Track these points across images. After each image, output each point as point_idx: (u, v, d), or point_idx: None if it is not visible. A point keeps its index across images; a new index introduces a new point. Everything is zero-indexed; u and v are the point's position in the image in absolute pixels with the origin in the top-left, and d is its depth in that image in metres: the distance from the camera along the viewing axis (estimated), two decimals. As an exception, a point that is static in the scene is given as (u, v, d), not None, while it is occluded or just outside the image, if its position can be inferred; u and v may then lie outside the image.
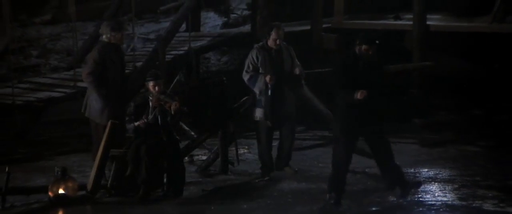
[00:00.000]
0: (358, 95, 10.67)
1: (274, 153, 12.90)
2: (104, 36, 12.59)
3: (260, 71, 12.41)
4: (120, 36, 12.59)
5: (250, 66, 12.49)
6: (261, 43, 12.67)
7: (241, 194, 12.00)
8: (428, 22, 16.54)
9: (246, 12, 18.92)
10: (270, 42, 12.50)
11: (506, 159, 13.75)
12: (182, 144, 12.61)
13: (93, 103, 12.34)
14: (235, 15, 19.35)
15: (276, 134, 12.89)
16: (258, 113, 12.51)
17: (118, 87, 12.42)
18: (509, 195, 11.73)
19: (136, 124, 11.76)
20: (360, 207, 11.32)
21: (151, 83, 11.80)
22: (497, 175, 12.79)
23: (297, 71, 12.54)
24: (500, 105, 16.51)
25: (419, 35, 16.38)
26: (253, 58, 12.50)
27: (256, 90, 12.41)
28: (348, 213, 11.12)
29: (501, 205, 11.35)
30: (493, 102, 16.62)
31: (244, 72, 12.55)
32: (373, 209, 11.28)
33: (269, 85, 12.28)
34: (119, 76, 12.48)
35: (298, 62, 12.72)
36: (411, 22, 16.55)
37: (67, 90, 14.66)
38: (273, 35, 12.47)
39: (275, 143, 12.93)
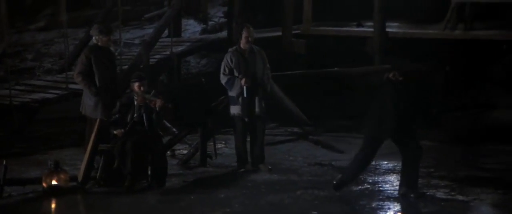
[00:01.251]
0: None
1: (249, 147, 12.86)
2: (93, 38, 12.63)
3: (235, 73, 12.38)
4: (106, 39, 12.57)
5: (226, 69, 12.51)
6: (234, 47, 12.65)
7: (219, 184, 12.04)
8: (387, 29, 16.57)
9: (222, 20, 18.91)
10: (243, 42, 12.52)
11: (456, 152, 13.90)
12: (165, 140, 12.55)
13: (87, 101, 12.39)
14: (212, 22, 19.33)
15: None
16: (235, 110, 12.52)
17: (109, 84, 12.42)
18: (459, 184, 11.85)
19: (115, 132, 11.80)
20: (328, 195, 11.32)
21: (136, 84, 11.87)
22: (448, 166, 12.88)
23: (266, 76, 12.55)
24: (451, 104, 16.53)
25: (379, 41, 16.41)
26: (228, 61, 12.52)
27: (233, 94, 12.42)
28: (316, 201, 11.12)
29: (452, 193, 11.48)
30: (446, 100, 16.62)
31: (221, 75, 12.59)
32: (338, 197, 11.27)
33: (244, 88, 12.22)
34: (109, 74, 12.48)
35: (268, 65, 12.67)
36: (372, 29, 16.59)
37: (59, 92, 14.67)
38: (244, 33, 12.49)
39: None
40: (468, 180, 12.08)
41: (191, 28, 19.18)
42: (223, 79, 12.51)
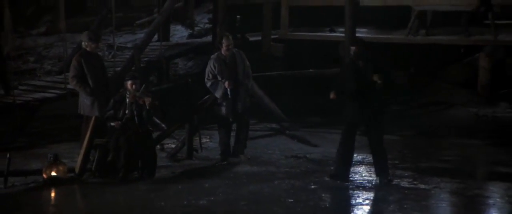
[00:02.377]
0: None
1: (232, 141, 12.91)
2: (82, 44, 12.73)
3: (218, 77, 12.44)
4: (94, 46, 12.71)
5: (210, 74, 12.57)
6: (216, 53, 12.70)
7: (204, 175, 12.06)
8: (357, 34, 16.57)
9: (207, 26, 18.90)
10: (223, 50, 12.55)
11: (418, 146, 13.93)
12: (154, 135, 12.55)
13: (84, 101, 12.47)
14: (198, 28, 19.32)
15: (233, 126, 12.90)
16: (221, 110, 12.53)
17: (101, 85, 12.55)
18: (420, 174, 11.91)
19: (112, 124, 11.80)
20: (302, 185, 11.36)
21: (129, 82, 11.88)
22: (411, 159, 12.93)
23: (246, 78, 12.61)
24: (414, 102, 16.62)
25: (350, 44, 16.37)
26: (211, 67, 12.57)
27: (217, 95, 12.47)
28: (292, 190, 11.15)
29: (414, 182, 11.54)
30: (409, 99, 16.72)
31: (205, 80, 12.66)
32: (312, 186, 11.31)
33: (228, 90, 12.25)
34: (101, 76, 12.60)
35: (248, 63, 12.75)
36: (343, 34, 16.58)
37: (58, 92, 14.66)
38: (225, 42, 12.53)
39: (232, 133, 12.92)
40: (429, 170, 12.16)
41: (179, 33, 19.16)
42: (208, 83, 12.56)
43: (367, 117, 11.21)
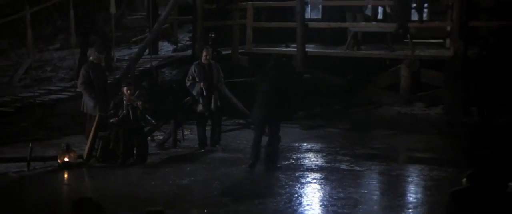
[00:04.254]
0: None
1: (208, 133, 12.88)
2: (91, 57, 12.81)
3: (197, 80, 12.48)
4: (101, 57, 12.87)
5: (190, 76, 12.61)
6: (198, 61, 12.78)
7: (186, 160, 12.06)
8: (306, 49, 16.64)
9: (188, 42, 18.82)
10: (203, 58, 12.62)
11: (354, 137, 13.89)
12: (146, 129, 12.52)
13: (88, 102, 12.46)
14: (181, 44, 19.23)
15: (209, 121, 12.90)
16: (199, 107, 12.51)
17: (103, 91, 12.56)
18: (356, 159, 11.97)
19: (112, 120, 11.79)
20: (262, 168, 11.37)
21: (125, 88, 11.94)
22: (349, 147, 12.94)
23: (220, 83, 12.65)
24: (352, 102, 16.69)
25: (301, 57, 16.46)
26: (192, 71, 12.61)
27: (194, 92, 12.49)
28: (255, 172, 11.21)
29: (351, 165, 11.62)
30: (348, 100, 16.79)
31: (186, 80, 12.71)
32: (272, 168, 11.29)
33: (203, 89, 12.27)
34: (102, 83, 12.61)
35: (222, 74, 12.79)
36: (295, 49, 16.62)
37: (70, 94, 14.55)
38: (204, 52, 12.67)
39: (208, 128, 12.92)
40: (363, 156, 12.21)
41: (165, 48, 19.05)
42: (187, 83, 12.59)
43: (273, 114, 11.20)
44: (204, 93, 12.38)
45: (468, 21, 15.72)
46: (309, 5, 18.76)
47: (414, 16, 16.92)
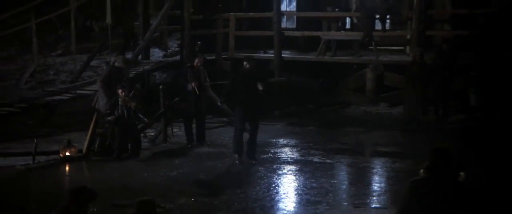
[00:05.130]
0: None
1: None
2: (116, 63, 12.90)
3: (187, 80, 12.54)
4: (123, 64, 12.93)
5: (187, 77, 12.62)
6: (189, 64, 12.90)
7: (175, 155, 12.05)
8: (282, 55, 16.70)
9: (177, 49, 18.81)
10: (195, 63, 12.68)
11: (326, 133, 13.93)
12: (139, 126, 12.52)
13: (101, 99, 12.46)
14: (170, 50, 19.21)
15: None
16: (187, 106, 12.56)
17: (115, 94, 12.37)
18: (327, 153, 12.01)
19: (109, 118, 11.77)
20: (245, 160, 11.37)
21: (120, 90, 11.83)
22: (321, 142, 12.96)
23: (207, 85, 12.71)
24: (323, 102, 16.74)
25: (277, 62, 16.54)
26: (187, 72, 12.65)
27: (189, 89, 12.47)
28: (237, 165, 11.18)
29: (323, 158, 11.65)
30: (320, 100, 16.84)
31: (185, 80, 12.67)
32: (252, 162, 11.35)
33: (195, 88, 12.32)
34: (116, 84, 12.41)
35: (208, 79, 12.87)
36: (273, 55, 16.67)
37: (70, 95, 14.52)
38: (196, 60, 12.75)
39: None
40: (333, 150, 12.25)
41: (156, 54, 19.00)
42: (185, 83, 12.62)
43: (251, 114, 11.21)
44: (197, 92, 12.41)
45: (425, 30, 15.87)
46: (285, 16, 18.81)
47: (378, 26, 17.03)
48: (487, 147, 11.92)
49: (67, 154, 11.47)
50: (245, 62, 11.34)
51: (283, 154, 12.05)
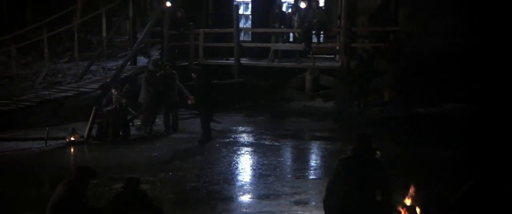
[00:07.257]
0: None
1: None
2: (150, 67, 12.79)
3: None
4: (156, 68, 12.67)
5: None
6: (163, 71, 12.59)
7: (155, 140, 11.95)
8: (241, 61, 16.67)
9: (158, 57, 18.55)
10: (167, 69, 12.54)
11: (274, 122, 13.90)
12: (129, 117, 12.36)
13: (143, 93, 12.28)
14: (153, 58, 18.95)
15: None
16: (164, 103, 12.47)
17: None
18: (275, 137, 12.01)
19: (105, 109, 11.67)
20: (212, 144, 11.39)
21: (113, 89, 11.72)
22: (272, 129, 12.95)
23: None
24: (273, 98, 16.74)
25: (237, 67, 16.52)
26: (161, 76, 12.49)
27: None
28: (207, 147, 11.08)
29: (272, 141, 11.68)
30: (270, 97, 16.84)
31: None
32: (217, 145, 11.37)
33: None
34: (155, 85, 12.37)
35: (180, 84, 12.69)
36: (233, 61, 16.63)
37: (75, 92, 14.26)
38: (167, 67, 12.61)
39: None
40: (280, 135, 12.24)
41: (142, 61, 18.71)
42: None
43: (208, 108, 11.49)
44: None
45: (350, 43, 16.05)
46: (243, 31, 18.76)
47: (315, 39, 17.12)
48: (398, 131, 12.17)
49: (72, 139, 11.35)
50: (193, 74, 11.73)
51: (241, 138, 12.07)
